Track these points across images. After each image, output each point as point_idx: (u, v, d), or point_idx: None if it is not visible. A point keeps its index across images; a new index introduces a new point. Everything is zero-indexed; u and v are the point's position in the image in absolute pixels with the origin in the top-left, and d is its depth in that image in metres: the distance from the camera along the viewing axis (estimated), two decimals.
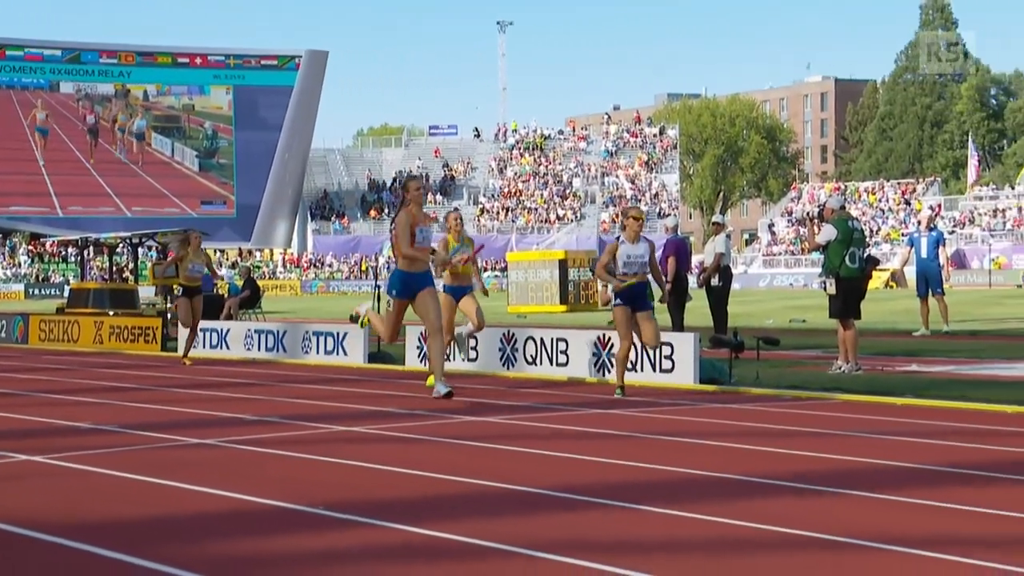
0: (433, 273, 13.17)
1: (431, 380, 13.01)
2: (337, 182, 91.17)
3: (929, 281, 21.23)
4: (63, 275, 72.88)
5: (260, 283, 33.97)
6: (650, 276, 12.80)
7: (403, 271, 12.24)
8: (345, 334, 18.19)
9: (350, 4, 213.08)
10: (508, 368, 15.63)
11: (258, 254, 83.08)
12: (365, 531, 6.05)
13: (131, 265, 45.30)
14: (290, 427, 10.39)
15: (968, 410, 10.89)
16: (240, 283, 28.85)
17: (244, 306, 26.38)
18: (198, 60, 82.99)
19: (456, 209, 14.93)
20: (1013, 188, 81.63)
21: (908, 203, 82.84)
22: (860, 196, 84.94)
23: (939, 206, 78.07)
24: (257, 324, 21.82)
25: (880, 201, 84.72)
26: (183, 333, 18.53)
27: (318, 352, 18.42)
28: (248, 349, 19.57)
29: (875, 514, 6.39)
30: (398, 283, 12.23)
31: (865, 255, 14.82)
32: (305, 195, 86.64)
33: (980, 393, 11.67)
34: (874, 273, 17.09)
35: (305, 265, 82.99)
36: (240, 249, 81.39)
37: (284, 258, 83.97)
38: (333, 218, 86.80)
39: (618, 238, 12.80)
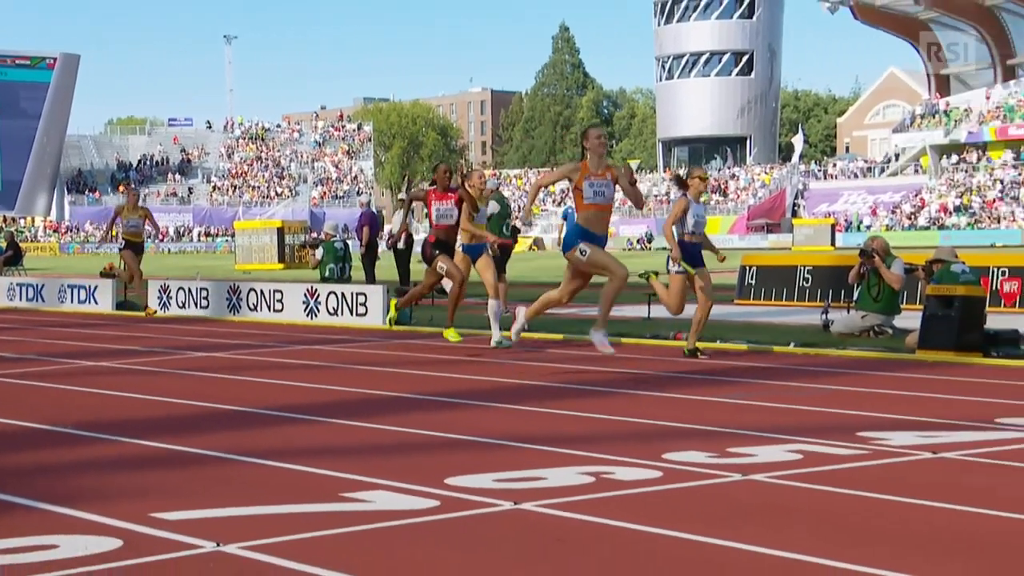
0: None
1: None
2: (90, 162, 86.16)
3: None
4: None
5: (23, 245, 32.26)
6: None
7: (583, 228, 8.49)
8: (96, 286, 17.24)
9: (102, 12, 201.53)
10: (234, 314, 15.20)
11: (21, 221, 77.72)
12: (108, 445, 5.75)
13: None
14: (47, 363, 9.77)
15: (587, 342, 11.27)
16: (4, 245, 27.44)
17: (8, 264, 25.12)
18: None
19: (481, 173, 11.75)
20: None
21: (545, 187, 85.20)
22: (511, 181, 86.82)
23: (567, 189, 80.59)
24: (19, 278, 20.42)
25: (525, 185, 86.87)
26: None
27: (72, 301, 17.40)
28: (11, 300, 18.33)
29: (517, 421, 6.54)
30: (579, 236, 8.50)
31: (512, 225, 15.25)
32: (62, 173, 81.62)
33: None
34: (519, 239, 17.65)
35: (63, 231, 78.33)
36: (4, 216, 75.99)
37: (45, 225, 78.99)
38: (87, 192, 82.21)
39: (684, 195, 9.70)
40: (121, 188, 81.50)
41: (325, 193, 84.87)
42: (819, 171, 73.09)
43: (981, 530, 3.99)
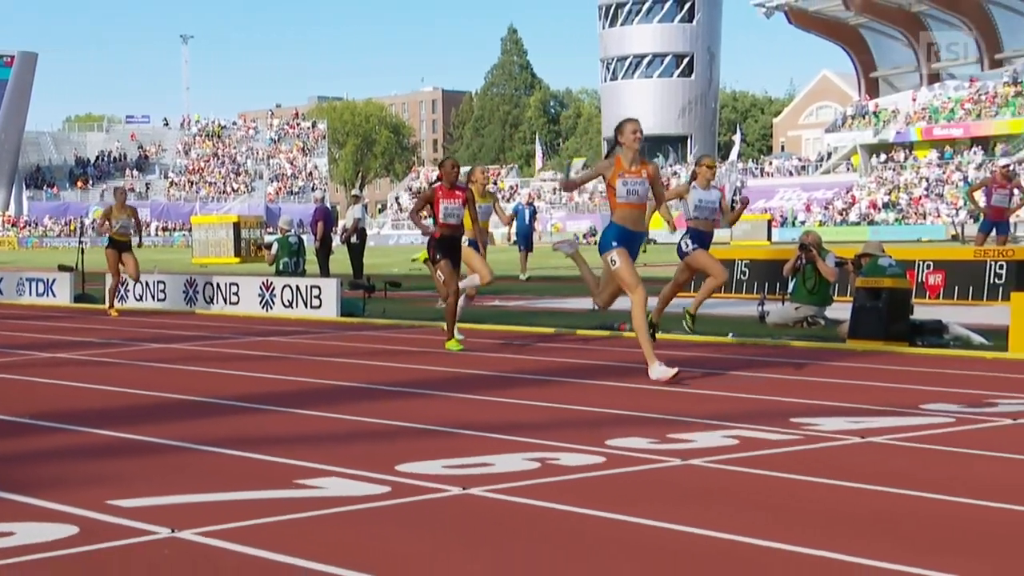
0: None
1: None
2: (48, 159, 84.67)
3: (527, 239, 22.30)
4: None
5: None
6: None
7: (620, 226, 7.57)
8: (54, 280, 16.97)
9: (60, 11, 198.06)
10: (191, 307, 15.03)
11: None
12: (65, 435, 5.66)
13: None
14: (5, 355, 9.58)
15: (531, 333, 11.31)
16: None
17: None
18: None
19: (484, 169, 11.38)
20: None
21: (495, 183, 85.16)
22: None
23: (516, 185, 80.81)
24: None
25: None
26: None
27: (31, 294, 17.11)
28: None
29: (466, 409, 6.53)
30: (615, 236, 7.57)
31: None
32: (21, 168, 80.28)
33: (542, 320, 12.14)
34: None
35: (21, 225, 76.96)
36: None
37: (3, 219, 77.52)
38: (45, 187, 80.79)
39: (690, 183, 9.65)
40: (79, 184, 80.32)
41: (280, 189, 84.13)
42: (756, 169, 73.78)
43: (905, 510, 4.06)
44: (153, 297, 15.53)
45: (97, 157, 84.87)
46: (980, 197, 15.62)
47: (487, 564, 3.38)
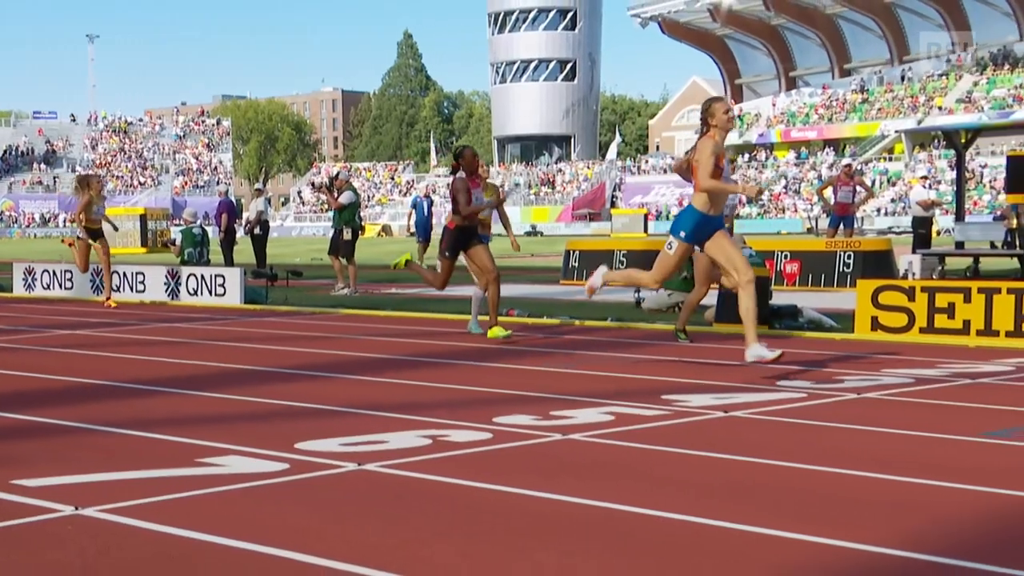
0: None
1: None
2: None
3: (425, 231, 22.14)
4: None
5: None
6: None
7: (701, 212, 6.91)
8: None
9: None
10: (97, 294, 14.53)
11: None
12: None
13: None
14: None
15: (428, 319, 11.27)
16: None
17: None
18: None
19: (481, 161, 9.52)
20: None
21: (392, 179, 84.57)
22: (360, 173, 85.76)
23: (412, 180, 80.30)
24: None
25: (374, 177, 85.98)
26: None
27: None
28: None
29: (363, 390, 6.46)
30: (690, 225, 6.95)
31: (359, 215, 15.12)
32: None
33: (439, 307, 12.08)
34: (367, 226, 17.57)
35: None
36: None
37: None
38: None
39: None
40: (23, 174, 76.80)
41: (187, 183, 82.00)
42: (633, 167, 74.83)
43: (764, 477, 4.17)
44: (61, 286, 14.99)
45: (5, 151, 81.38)
46: (829, 194, 16.11)
47: (379, 534, 3.35)
